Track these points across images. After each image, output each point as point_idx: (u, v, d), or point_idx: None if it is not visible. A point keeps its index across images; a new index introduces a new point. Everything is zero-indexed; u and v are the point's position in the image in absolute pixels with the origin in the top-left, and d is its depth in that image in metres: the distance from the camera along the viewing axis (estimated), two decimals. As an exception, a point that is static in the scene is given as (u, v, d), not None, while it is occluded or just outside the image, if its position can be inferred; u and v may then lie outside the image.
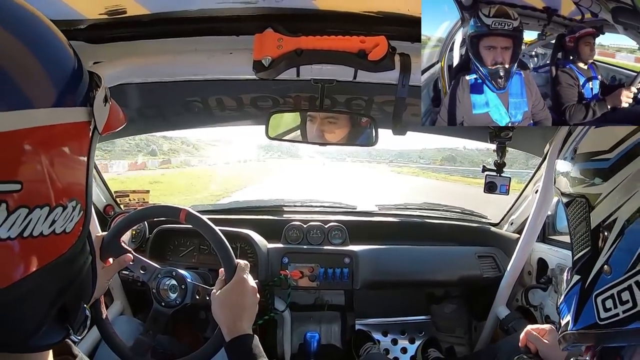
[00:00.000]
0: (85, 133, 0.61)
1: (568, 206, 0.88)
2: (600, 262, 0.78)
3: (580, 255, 0.84)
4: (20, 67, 0.52)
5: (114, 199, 2.48)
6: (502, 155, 1.80)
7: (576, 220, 0.85)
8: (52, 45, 0.59)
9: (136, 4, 1.17)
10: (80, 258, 0.63)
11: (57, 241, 0.57)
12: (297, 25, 1.29)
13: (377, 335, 2.72)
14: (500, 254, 2.41)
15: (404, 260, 2.33)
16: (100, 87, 0.65)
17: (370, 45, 1.25)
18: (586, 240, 0.82)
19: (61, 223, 0.56)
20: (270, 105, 2.20)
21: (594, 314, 0.78)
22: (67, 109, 0.57)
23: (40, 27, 0.59)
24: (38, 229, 0.52)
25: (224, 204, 2.79)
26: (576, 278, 0.84)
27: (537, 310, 2.16)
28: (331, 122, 1.66)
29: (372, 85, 1.41)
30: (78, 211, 0.59)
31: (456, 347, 2.71)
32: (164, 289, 1.47)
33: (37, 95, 0.53)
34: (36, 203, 0.52)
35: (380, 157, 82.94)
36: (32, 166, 0.51)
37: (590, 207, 0.81)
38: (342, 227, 2.38)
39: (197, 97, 2.17)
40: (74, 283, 0.62)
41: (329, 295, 2.64)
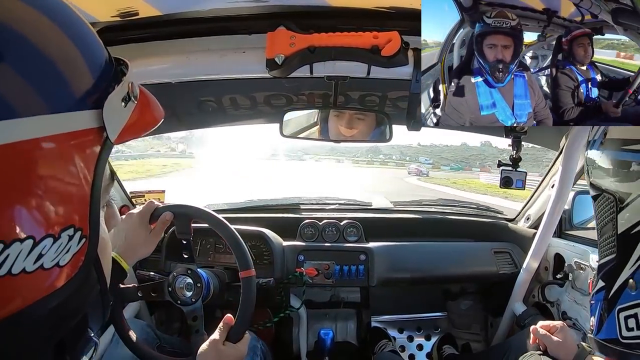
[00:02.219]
0: (91, 143, 0.51)
1: (595, 200, 0.84)
2: (625, 274, 0.74)
3: (605, 260, 0.80)
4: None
5: (129, 199, 2.49)
6: (517, 150, 1.78)
7: (603, 219, 0.81)
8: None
9: (148, 5, 1.18)
10: (82, 289, 0.54)
11: (47, 277, 0.48)
12: (309, 22, 1.29)
13: (393, 332, 2.71)
14: (516, 250, 2.38)
15: (420, 257, 2.32)
16: (121, 83, 0.55)
17: (383, 40, 1.24)
18: (612, 245, 0.77)
19: (52, 256, 0.47)
20: (284, 103, 2.19)
21: (615, 330, 0.75)
22: (65, 114, 0.47)
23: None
24: (18, 266, 0.44)
25: (239, 202, 2.78)
26: (601, 284, 0.80)
27: (554, 307, 2.13)
28: (360, 118, 1.66)
29: (386, 81, 1.39)
30: (77, 240, 0.50)
31: (472, 343, 2.69)
32: (180, 287, 1.48)
33: (25, 103, 0.44)
34: (14, 237, 0.43)
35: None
36: (7, 193, 0.43)
37: (618, 208, 0.76)
38: (358, 224, 2.38)
39: (211, 97, 2.18)
40: (75, 317, 0.55)
41: (344, 292, 2.63)
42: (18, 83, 0.44)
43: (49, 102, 0.46)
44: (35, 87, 0.45)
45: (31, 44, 0.46)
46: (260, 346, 1.72)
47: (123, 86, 0.55)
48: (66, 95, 0.48)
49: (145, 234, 1.42)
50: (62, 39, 0.50)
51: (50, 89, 0.47)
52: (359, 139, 1.77)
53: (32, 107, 0.44)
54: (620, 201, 0.76)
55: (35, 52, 0.46)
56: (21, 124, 0.42)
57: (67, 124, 0.47)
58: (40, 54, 0.46)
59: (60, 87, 0.48)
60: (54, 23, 0.50)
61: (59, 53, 0.49)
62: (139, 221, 1.41)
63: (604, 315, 0.78)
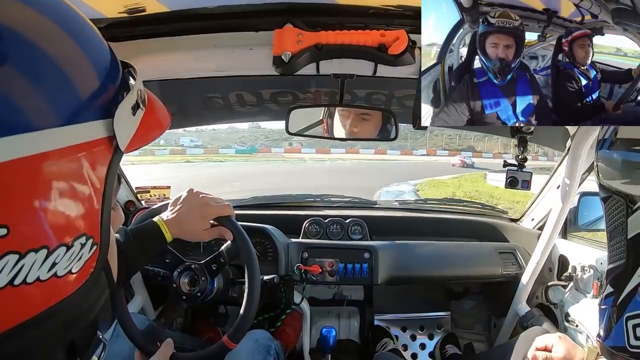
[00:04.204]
0: (102, 153, 0.51)
1: (605, 202, 0.82)
2: (635, 281, 0.72)
3: (614, 265, 0.77)
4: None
5: (135, 194, 2.50)
6: (523, 150, 1.78)
7: (613, 222, 0.78)
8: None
9: (155, 1, 1.18)
10: (92, 295, 0.55)
11: (60, 284, 0.49)
12: (317, 20, 1.28)
13: (396, 330, 2.71)
14: (520, 250, 2.37)
15: (424, 256, 2.31)
16: (131, 91, 0.55)
17: (391, 39, 1.24)
18: (621, 249, 0.75)
19: (65, 264, 0.48)
20: (291, 100, 2.20)
21: (624, 337, 0.73)
22: (77, 126, 0.47)
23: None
24: (33, 275, 0.45)
25: (243, 199, 2.79)
26: (609, 289, 0.78)
27: (558, 308, 2.12)
28: (364, 118, 1.67)
29: (392, 79, 1.39)
30: (89, 247, 0.51)
31: (475, 343, 2.69)
32: (185, 282, 1.49)
33: (38, 116, 0.44)
34: (30, 247, 0.44)
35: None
36: (22, 205, 0.43)
37: (628, 211, 0.74)
38: (362, 222, 2.38)
39: (218, 93, 2.19)
40: (86, 320, 0.56)
41: (348, 290, 2.63)
42: (30, 96, 0.44)
43: (61, 114, 0.46)
44: (48, 99, 0.45)
45: (47, 57, 0.46)
46: (274, 346, 1.71)
47: (132, 94, 0.55)
48: (77, 107, 0.48)
49: (200, 227, 1.31)
50: (73, 50, 0.50)
51: (62, 100, 0.47)
52: (364, 137, 1.78)
53: (45, 120, 0.44)
54: (631, 204, 0.74)
55: (49, 63, 0.46)
56: (34, 137, 0.43)
57: (79, 136, 0.47)
58: (54, 66, 0.47)
59: (71, 98, 0.48)
60: (65, 32, 0.50)
61: (71, 65, 0.49)
62: (204, 214, 1.31)
63: (613, 321, 0.76)
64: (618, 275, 0.76)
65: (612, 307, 0.77)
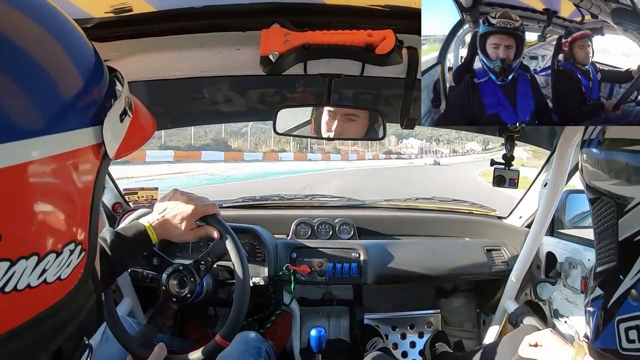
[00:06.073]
0: (91, 160, 0.51)
1: (593, 203, 0.80)
2: (626, 284, 0.71)
3: (604, 268, 0.76)
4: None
5: (122, 196, 2.48)
6: (510, 149, 1.79)
7: (602, 224, 0.77)
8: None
9: (142, 1, 1.17)
10: (80, 300, 0.55)
11: (49, 290, 0.49)
12: (304, 19, 1.28)
13: (386, 329, 2.72)
14: (508, 248, 2.39)
15: (413, 254, 2.32)
16: (119, 97, 0.55)
17: (378, 39, 1.24)
18: (611, 252, 0.74)
19: (54, 271, 0.48)
20: (278, 100, 2.19)
21: (615, 340, 0.72)
22: (66, 134, 0.47)
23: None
24: (23, 282, 0.45)
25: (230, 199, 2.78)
26: (598, 292, 0.77)
27: (546, 305, 2.15)
28: (351, 119, 1.67)
29: (380, 79, 1.40)
30: (77, 254, 0.51)
31: (465, 341, 2.71)
32: (174, 283, 1.48)
33: (26, 123, 0.43)
34: (20, 254, 0.44)
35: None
36: (13, 212, 0.43)
37: (619, 213, 0.73)
38: (351, 221, 2.39)
39: (205, 94, 2.17)
40: (73, 325, 0.55)
41: (337, 290, 2.64)
42: (18, 103, 0.43)
43: (50, 121, 0.46)
44: (36, 106, 0.45)
45: (35, 63, 0.45)
46: (265, 347, 1.71)
47: (120, 101, 0.55)
48: (66, 114, 0.48)
49: (186, 227, 1.31)
50: (61, 56, 0.50)
51: (50, 108, 0.46)
52: (352, 137, 1.78)
53: (33, 127, 0.44)
54: (621, 206, 0.73)
55: (36, 69, 0.46)
56: (23, 145, 0.42)
57: (68, 143, 0.47)
58: (41, 72, 0.46)
59: (59, 105, 0.47)
60: (53, 37, 0.49)
61: (59, 72, 0.48)
62: (189, 214, 1.31)
63: (602, 324, 0.75)
64: (608, 277, 0.75)
65: (601, 310, 0.76)
